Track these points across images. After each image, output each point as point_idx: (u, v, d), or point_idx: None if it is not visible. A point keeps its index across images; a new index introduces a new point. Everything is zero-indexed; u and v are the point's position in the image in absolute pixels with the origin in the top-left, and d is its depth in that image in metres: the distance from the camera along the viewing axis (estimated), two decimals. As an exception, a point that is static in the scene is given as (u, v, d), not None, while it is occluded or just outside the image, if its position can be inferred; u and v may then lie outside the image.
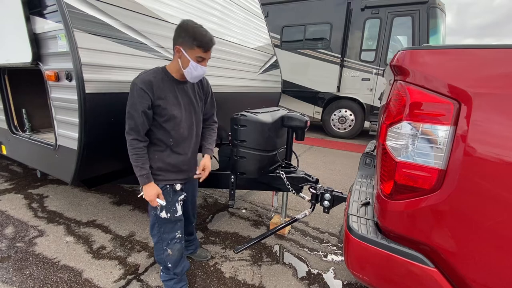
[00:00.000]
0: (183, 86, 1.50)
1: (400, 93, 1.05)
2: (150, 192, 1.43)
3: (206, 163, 1.69)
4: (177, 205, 1.59)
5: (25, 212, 2.72)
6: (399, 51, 1.09)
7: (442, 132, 0.94)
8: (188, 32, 1.33)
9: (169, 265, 1.64)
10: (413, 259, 1.04)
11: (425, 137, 0.98)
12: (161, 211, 1.52)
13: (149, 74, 1.39)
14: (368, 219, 1.28)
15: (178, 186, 1.59)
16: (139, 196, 1.53)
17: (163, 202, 1.50)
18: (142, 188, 1.46)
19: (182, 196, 1.63)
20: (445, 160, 0.95)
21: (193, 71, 1.39)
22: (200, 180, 1.73)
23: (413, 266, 1.04)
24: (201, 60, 1.39)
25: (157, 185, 1.49)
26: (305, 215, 2.33)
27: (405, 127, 1.01)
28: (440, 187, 0.96)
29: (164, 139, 1.49)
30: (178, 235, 1.61)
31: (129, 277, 1.93)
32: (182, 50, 1.35)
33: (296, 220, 2.39)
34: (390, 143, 1.08)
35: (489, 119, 0.88)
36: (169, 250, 1.59)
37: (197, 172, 1.70)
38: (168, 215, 1.54)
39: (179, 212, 1.60)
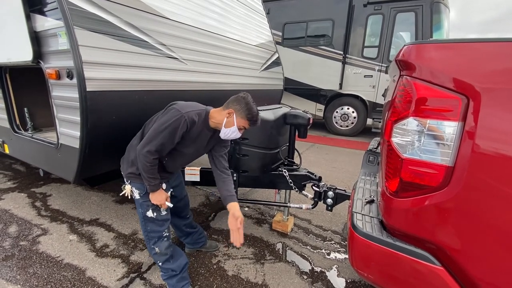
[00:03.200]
0: (208, 133, 1.57)
1: (406, 88, 1.03)
2: (160, 197, 1.54)
3: (238, 213, 1.57)
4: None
5: (28, 211, 2.73)
6: (404, 45, 1.06)
7: (450, 128, 0.92)
8: (247, 105, 1.47)
9: (160, 263, 1.69)
10: (419, 257, 1.02)
11: (431, 133, 0.96)
12: (147, 210, 1.58)
13: (196, 113, 1.48)
14: (372, 217, 1.27)
15: (163, 186, 1.63)
16: (121, 194, 1.60)
17: (171, 205, 1.63)
18: (125, 187, 1.58)
19: (168, 193, 1.68)
20: (452, 157, 0.93)
21: (230, 134, 1.52)
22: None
23: (419, 264, 1.02)
24: (242, 129, 1.54)
25: (142, 185, 1.54)
26: (300, 208, 2.32)
27: (411, 123, 0.99)
28: (447, 184, 0.94)
29: (161, 159, 1.54)
30: (165, 234, 1.66)
31: (132, 275, 1.93)
32: (234, 115, 1.48)
33: (286, 205, 2.41)
34: (395, 139, 1.06)
35: (499, 115, 0.85)
36: (156, 249, 1.64)
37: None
38: (155, 214, 1.60)
39: (165, 212, 1.64)
